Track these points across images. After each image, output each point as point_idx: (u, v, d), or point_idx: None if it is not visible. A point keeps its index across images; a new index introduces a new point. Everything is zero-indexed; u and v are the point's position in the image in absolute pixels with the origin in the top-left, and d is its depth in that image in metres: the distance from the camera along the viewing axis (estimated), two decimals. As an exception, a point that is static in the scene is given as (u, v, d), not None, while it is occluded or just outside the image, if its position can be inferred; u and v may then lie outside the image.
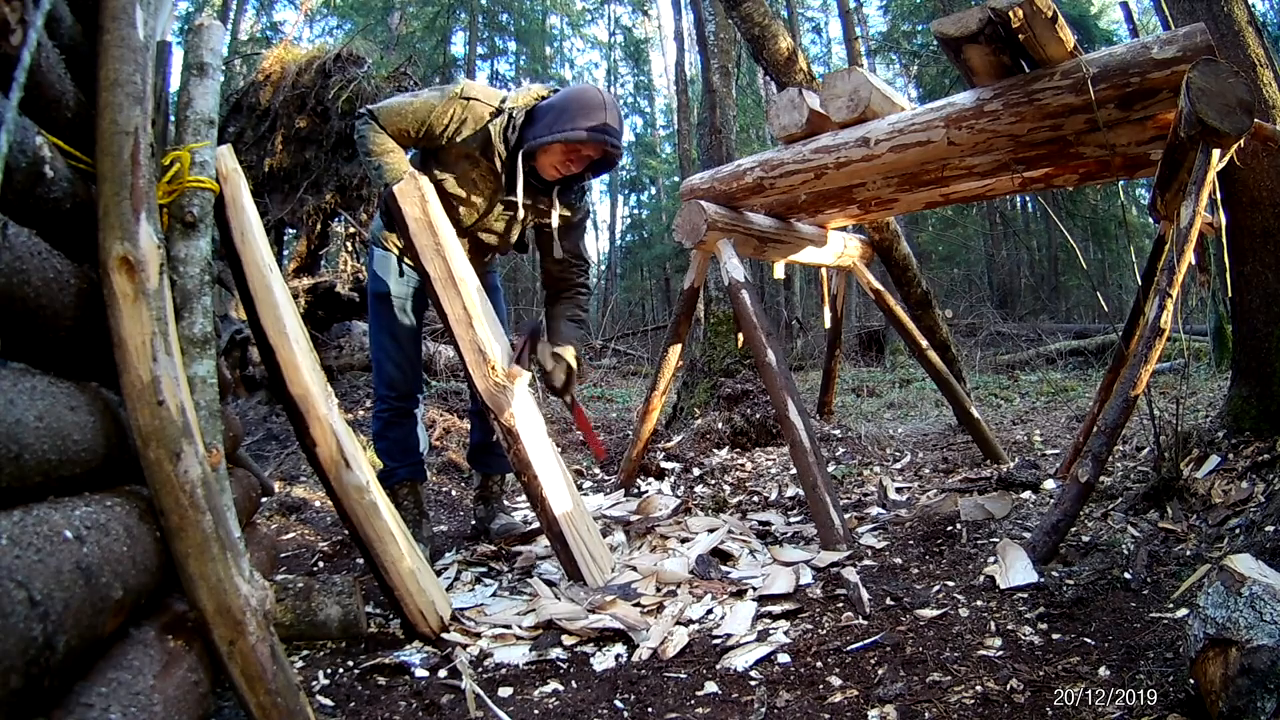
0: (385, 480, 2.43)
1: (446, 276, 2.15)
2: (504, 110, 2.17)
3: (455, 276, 2.15)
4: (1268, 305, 2.17)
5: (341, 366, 5.51)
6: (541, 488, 2.12)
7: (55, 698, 0.83)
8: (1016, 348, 9.46)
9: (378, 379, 2.44)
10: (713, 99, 5.57)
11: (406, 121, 2.15)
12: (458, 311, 2.14)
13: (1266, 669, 1.06)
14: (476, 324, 2.14)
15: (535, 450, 2.16)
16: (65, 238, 1.12)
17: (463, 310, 2.14)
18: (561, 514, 2.14)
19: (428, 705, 1.54)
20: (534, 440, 2.18)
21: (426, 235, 2.16)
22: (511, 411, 2.13)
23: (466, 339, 2.14)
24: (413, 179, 2.17)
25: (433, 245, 2.15)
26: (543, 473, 2.14)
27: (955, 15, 2.14)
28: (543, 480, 2.13)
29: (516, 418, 2.13)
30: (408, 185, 2.16)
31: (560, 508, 2.15)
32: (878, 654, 1.58)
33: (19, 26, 0.95)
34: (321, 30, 16.04)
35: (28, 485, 0.88)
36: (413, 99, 2.17)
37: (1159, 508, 2.16)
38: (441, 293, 2.15)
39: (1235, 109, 1.79)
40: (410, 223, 2.15)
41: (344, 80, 5.55)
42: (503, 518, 2.74)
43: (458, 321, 2.14)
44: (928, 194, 2.98)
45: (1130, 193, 11.52)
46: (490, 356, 2.13)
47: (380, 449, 2.49)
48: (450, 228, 2.22)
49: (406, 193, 2.16)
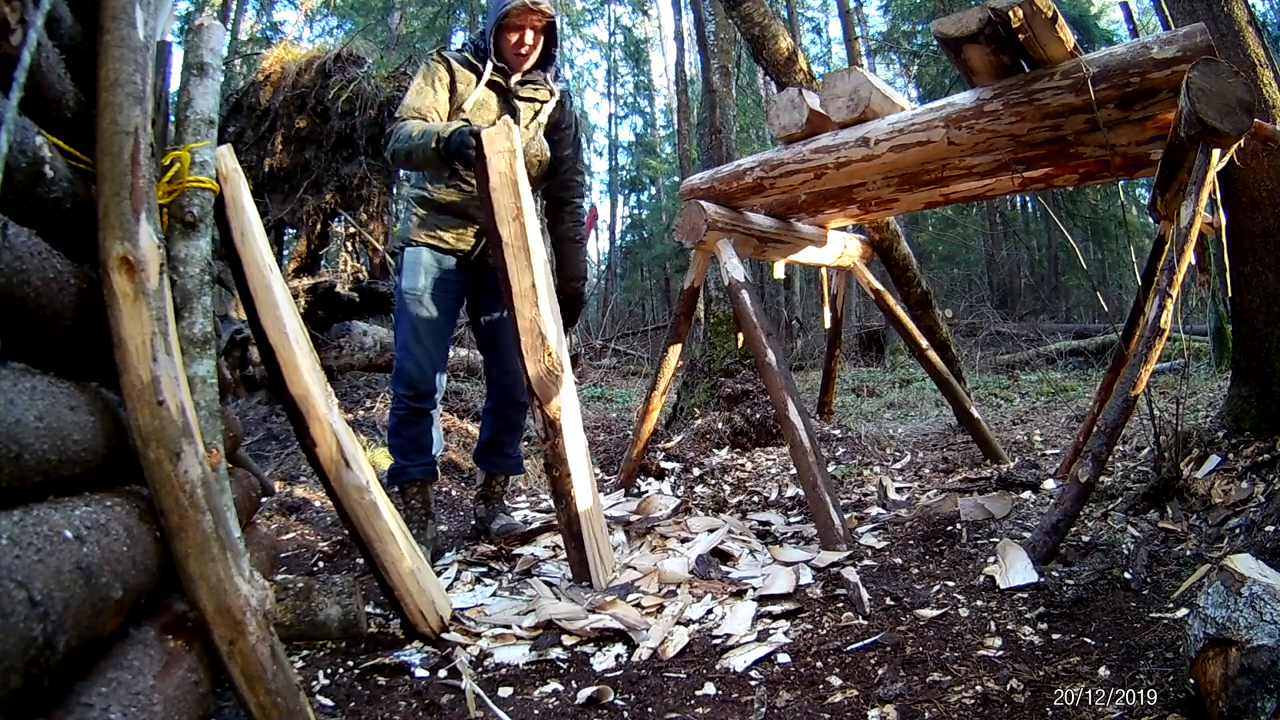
0: (396, 478, 2.49)
1: (521, 245, 2.01)
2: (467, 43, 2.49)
3: (530, 247, 2.02)
4: (1268, 305, 2.17)
5: (341, 366, 5.50)
6: (572, 485, 2.10)
7: (55, 698, 0.83)
8: (1016, 348, 9.45)
9: (395, 377, 2.47)
10: (713, 99, 5.57)
11: (421, 100, 2.31)
12: (525, 285, 2.01)
13: (1266, 669, 1.06)
14: (541, 303, 2.03)
15: (573, 446, 2.13)
16: (65, 238, 1.12)
17: (530, 286, 2.01)
18: (584, 513, 2.13)
19: (428, 705, 1.54)
20: (573, 435, 2.15)
21: (509, 195, 2.01)
22: (558, 403, 2.07)
23: (528, 317, 2.02)
24: (506, 126, 2.03)
25: (513, 207, 2.01)
26: (575, 470, 2.12)
27: (955, 15, 2.14)
28: (575, 478, 2.11)
29: (563, 410, 2.09)
30: (499, 133, 2.00)
31: (584, 507, 2.14)
32: (878, 654, 1.58)
33: (19, 26, 0.95)
34: (321, 30, 16.05)
35: (28, 485, 0.88)
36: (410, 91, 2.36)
37: (1159, 508, 2.16)
38: (512, 261, 2.01)
39: (1235, 109, 1.79)
40: (494, 176, 1.99)
41: (344, 80, 5.55)
42: (503, 518, 2.74)
43: (522, 297, 2.01)
44: (928, 194, 2.99)
45: (1130, 193, 11.53)
46: (549, 341, 2.04)
47: (393, 446, 2.50)
48: (530, 195, 2.13)
49: (495, 141, 1.99)
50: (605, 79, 23.14)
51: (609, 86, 23.04)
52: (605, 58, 22.82)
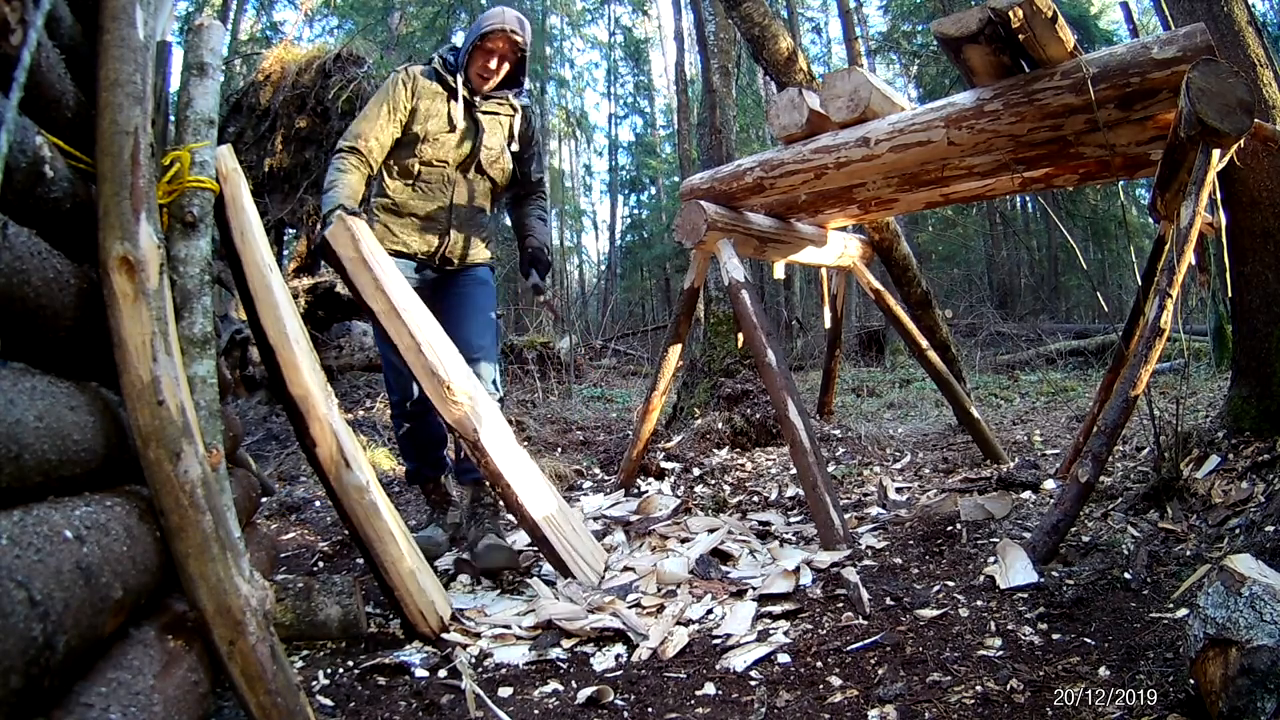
0: (412, 479, 2.76)
1: (389, 309, 2.16)
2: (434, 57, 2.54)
3: (398, 308, 2.16)
4: (1268, 305, 2.17)
5: (341, 366, 5.51)
6: (516, 495, 2.13)
7: (55, 698, 0.82)
8: (1016, 348, 9.45)
9: (387, 386, 2.63)
10: (713, 99, 5.57)
11: (366, 125, 2.38)
12: (406, 341, 2.16)
13: (1266, 669, 1.06)
14: (426, 350, 2.15)
15: (504, 460, 2.16)
16: (65, 238, 1.12)
17: (410, 339, 2.15)
18: (541, 517, 2.15)
19: (428, 705, 1.54)
20: (502, 450, 2.18)
21: (364, 274, 2.17)
22: (475, 428, 2.14)
23: (420, 365, 2.15)
24: (340, 221, 2.20)
25: (371, 282, 2.17)
26: (515, 481, 2.15)
27: (955, 15, 2.14)
28: (517, 488, 2.14)
29: (481, 433, 2.14)
30: (337, 229, 2.18)
31: (539, 511, 2.16)
32: (878, 654, 1.58)
33: (19, 26, 0.95)
34: (321, 30, 16.01)
35: (28, 485, 0.88)
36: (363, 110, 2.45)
37: (1159, 508, 2.16)
38: (388, 325, 2.17)
39: (1235, 109, 1.79)
40: (346, 264, 2.18)
41: (344, 80, 5.56)
42: (491, 537, 2.40)
43: (408, 350, 2.16)
44: (928, 194, 2.98)
45: (1130, 193, 11.52)
46: (444, 378, 2.13)
47: (402, 450, 2.70)
48: (388, 260, 2.25)
49: (338, 236, 2.18)
50: (605, 79, 23.11)
51: (609, 86, 23.01)
52: (605, 58, 22.77)
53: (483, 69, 2.45)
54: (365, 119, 2.41)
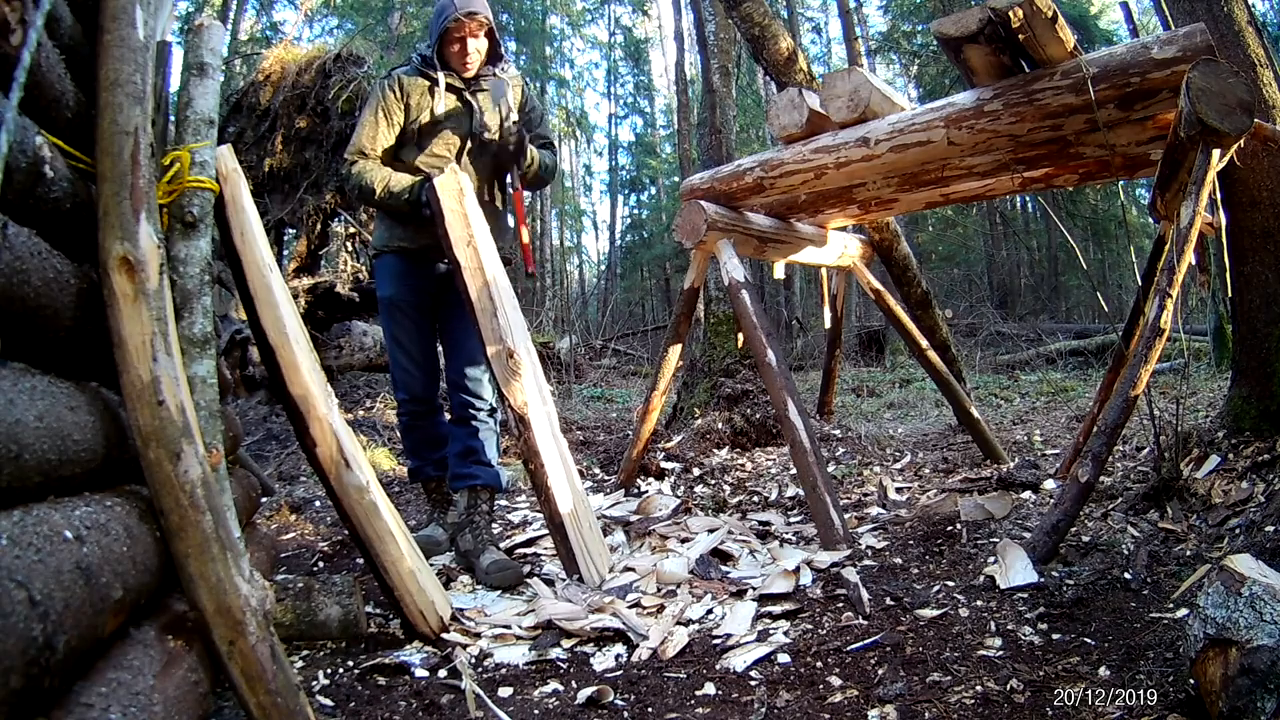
0: (414, 477, 2.72)
1: (477, 267, 2.27)
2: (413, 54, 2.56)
3: (486, 268, 2.27)
4: (1268, 305, 2.17)
5: (341, 366, 5.51)
6: (547, 476, 2.18)
7: (55, 698, 0.82)
8: (1016, 348, 9.45)
9: (393, 384, 2.62)
10: (713, 99, 5.57)
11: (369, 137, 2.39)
12: (485, 303, 2.25)
13: (1266, 669, 1.06)
14: (500, 315, 2.25)
15: (544, 440, 2.22)
16: (65, 238, 1.12)
17: (489, 301, 2.25)
18: (564, 506, 2.19)
19: (428, 705, 1.54)
20: (544, 430, 2.24)
21: (461, 227, 2.28)
22: (525, 400, 2.21)
23: (489, 326, 2.24)
24: (453, 174, 2.31)
25: (466, 237, 2.28)
26: (550, 462, 2.21)
27: (955, 15, 2.14)
28: (549, 470, 2.19)
29: (530, 405, 2.21)
30: (448, 178, 2.29)
31: (564, 500, 2.20)
32: (878, 654, 1.58)
33: (19, 26, 0.95)
34: (321, 30, 16.02)
35: (28, 485, 0.88)
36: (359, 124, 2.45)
37: (1159, 508, 2.16)
38: (471, 281, 2.26)
39: (1235, 109, 1.79)
40: (447, 214, 2.28)
41: (344, 80, 5.55)
42: (494, 551, 2.36)
43: (483, 312, 2.25)
44: (928, 194, 2.98)
45: (1130, 193, 11.52)
46: (512, 346, 2.23)
47: (406, 448, 2.67)
48: (484, 223, 2.35)
49: (447, 186, 2.28)
50: (605, 79, 23.12)
51: (609, 86, 23.02)
52: (605, 58, 22.78)
53: (461, 55, 2.45)
54: (363, 130, 2.43)
